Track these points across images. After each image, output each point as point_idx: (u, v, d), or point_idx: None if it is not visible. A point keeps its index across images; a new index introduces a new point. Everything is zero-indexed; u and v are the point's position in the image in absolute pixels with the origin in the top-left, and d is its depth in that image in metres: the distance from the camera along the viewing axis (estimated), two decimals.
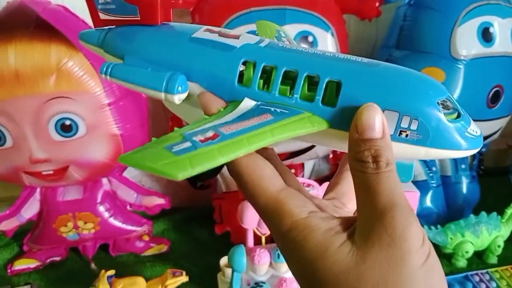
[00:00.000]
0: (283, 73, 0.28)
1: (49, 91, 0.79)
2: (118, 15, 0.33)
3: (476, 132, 0.28)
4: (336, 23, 0.89)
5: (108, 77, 0.33)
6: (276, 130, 0.26)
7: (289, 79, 0.29)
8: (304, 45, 0.39)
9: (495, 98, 0.93)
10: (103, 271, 0.87)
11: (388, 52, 0.98)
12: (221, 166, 0.26)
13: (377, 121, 0.26)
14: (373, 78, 0.27)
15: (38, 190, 0.96)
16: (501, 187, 1.22)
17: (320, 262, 0.25)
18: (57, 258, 1.01)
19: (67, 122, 0.82)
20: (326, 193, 0.34)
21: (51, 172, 0.87)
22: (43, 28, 0.78)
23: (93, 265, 1.00)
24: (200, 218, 1.12)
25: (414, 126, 0.26)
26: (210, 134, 0.25)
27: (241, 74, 0.30)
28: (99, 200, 0.95)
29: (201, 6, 0.89)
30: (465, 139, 0.27)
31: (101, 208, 0.96)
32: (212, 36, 0.31)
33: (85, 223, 0.95)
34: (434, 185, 1.06)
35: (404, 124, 0.26)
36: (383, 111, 0.26)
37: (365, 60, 0.29)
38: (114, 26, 0.35)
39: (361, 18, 0.94)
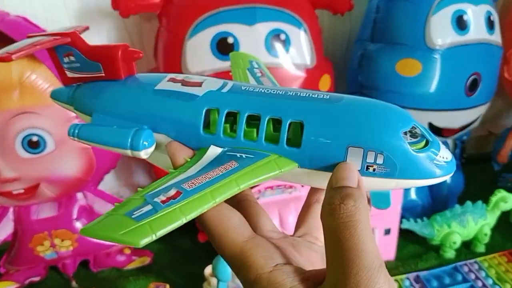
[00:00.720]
0: (247, 117, 0.28)
1: (13, 107, 0.76)
2: (83, 72, 0.34)
3: (446, 158, 0.28)
4: (308, 19, 0.87)
5: (76, 139, 0.33)
6: (241, 178, 0.26)
7: (256, 120, 0.29)
8: (267, 81, 0.38)
9: (473, 86, 0.92)
10: None
11: (362, 46, 0.96)
12: None
13: (352, 174, 0.26)
14: (335, 116, 0.27)
15: (11, 210, 0.92)
16: (484, 174, 1.22)
17: None
18: (36, 278, 0.97)
19: (34, 138, 0.78)
20: (296, 229, 0.33)
21: (22, 190, 0.83)
22: (1, 41, 0.74)
23: (74, 283, 0.96)
24: (182, 227, 1.08)
25: (380, 160, 0.26)
26: (172, 192, 0.25)
27: (208, 121, 0.30)
28: (75, 216, 0.92)
29: (168, 9, 0.86)
30: (436, 166, 0.27)
31: (78, 224, 0.92)
32: (174, 87, 0.31)
33: (62, 240, 0.92)
34: None
35: (370, 159, 0.26)
36: (347, 148, 0.26)
37: (328, 95, 0.29)
38: (82, 83, 0.35)
39: (334, 12, 0.92)
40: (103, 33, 1.00)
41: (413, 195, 1.05)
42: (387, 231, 0.94)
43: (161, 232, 0.23)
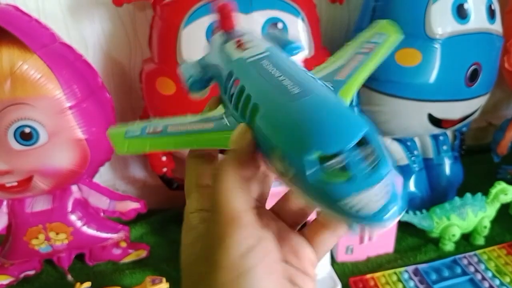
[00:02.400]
0: (239, 91, 0.30)
1: (4, 98, 0.74)
2: None
3: (368, 203, 0.22)
4: (306, 7, 0.85)
5: None
6: (200, 140, 0.30)
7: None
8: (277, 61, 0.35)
9: (474, 76, 0.91)
10: (78, 283, 0.83)
11: None
12: None
13: (238, 137, 0.27)
14: (281, 112, 0.26)
15: (5, 203, 0.91)
16: (483, 165, 1.21)
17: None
18: (31, 272, 0.96)
19: (27, 130, 0.77)
20: None
21: (15, 183, 0.82)
22: None
23: (69, 277, 0.95)
24: (178, 220, 1.06)
25: (290, 173, 0.24)
26: (158, 129, 0.32)
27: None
28: (69, 209, 0.91)
29: None
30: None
31: (73, 217, 0.91)
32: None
33: (57, 233, 0.91)
34: (417, 168, 1.04)
35: (283, 167, 0.24)
36: (273, 146, 0.25)
37: (300, 89, 0.26)
38: None
39: (332, 1, 0.90)
40: (95, 23, 0.98)
41: (412, 187, 1.04)
42: None
43: (131, 151, 0.32)
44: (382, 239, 0.94)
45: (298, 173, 0.23)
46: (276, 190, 0.33)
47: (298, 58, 0.84)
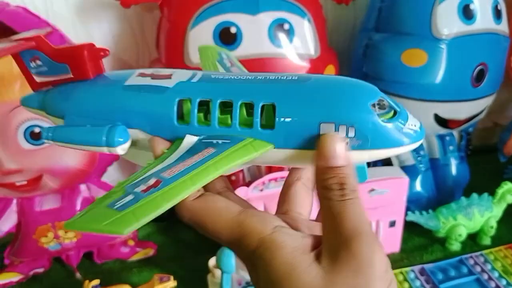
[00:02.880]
0: (219, 104, 0.29)
1: (14, 98, 0.75)
2: (52, 75, 0.33)
3: (415, 125, 0.29)
4: (312, 8, 0.85)
5: (51, 142, 0.33)
6: (219, 163, 0.26)
7: (229, 106, 0.29)
8: (237, 70, 0.38)
9: (480, 76, 0.91)
10: (87, 281, 0.84)
11: (367, 36, 0.95)
12: None
13: (339, 149, 0.27)
14: (304, 94, 0.28)
15: (15, 201, 0.92)
16: (490, 165, 1.21)
17: (287, 283, 0.25)
18: (40, 270, 0.97)
19: (36, 130, 0.78)
20: (279, 207, 0.34)
21: (25, 182, 0.83)
22: (1, 32, 0.74)
23: (78, 275, 0.96)
24: None
25: (352, 133, 0.27)
26: (152, 182, 0.26)
27: (181, 112, 0.30)
28: (78, 207, 0.92)
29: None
30: (405, 135, 0.28)
31: None
32: (144, 81, 0.31)
33: (66, 232, 0.92)
34: (423, 169, 1.04)
35: (342, 133, 0.27)
36: (319, 124, 0.27)
37: (296, 76, 0.29)
38: (51, 86, 0.34)
39: (338, 2, 0.91)
40: (104, 24, 0.99)
41: (418, 187, 1.04)
42: (392, 223, 0.93)
43: (145, 219, 0.24)
44: (388, 238, 0.94)
45: (364, 127, 0.27)
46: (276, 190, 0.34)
47: (304, 60, 0.84)
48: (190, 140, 0.29)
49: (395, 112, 0.28)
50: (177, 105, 0.29)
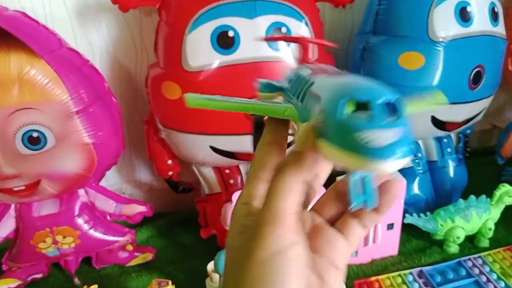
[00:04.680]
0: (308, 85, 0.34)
1: (12, 103, 0.75)
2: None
3: (386, 140, 0.25)
4: (309, 11, 0.86)
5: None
6: (257, 106, 0.34)
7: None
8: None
9: (477, 78, 0.91)
10: (85, 286, 0.83)
11: (364, 39, 0.95)
12: None
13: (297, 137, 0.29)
14: (326, 83, 0.31)
15: (13, 206, 0.92)
16: (488, 167, 1.21)
17: None
18: (39, 275, 0.97)
19: (34, 134, 0.78)
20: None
21: (23, 187, 0.83)
22: (0, 36, 0.74)
23: (76, 280, 0.96)
24: (184, 223, 1.09)
25: (320, 118, 0.28)
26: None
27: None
28: (76, 212, 0.91)
29: (168, 2, 0.86)
30: (360, 144, 0.25)
31: (80, 221, 0.92)
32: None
33: (64, 237, 0.91)
34: (421, 171, 1.05)
35: (315, 115, 0.29)
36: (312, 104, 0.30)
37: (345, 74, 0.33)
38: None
39: (335, 5, 0.91)
40: (102, 28, 1.00)
41: (416, 190, 1.04)
42: (390, 226, 0.93)
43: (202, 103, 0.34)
44: (386, 241, 0.94)
45: (327, 115, 0.27)
46: None
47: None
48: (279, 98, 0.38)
49: (371, 117, 0.26)
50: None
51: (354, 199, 0.29)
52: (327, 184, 0.35)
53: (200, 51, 0.81)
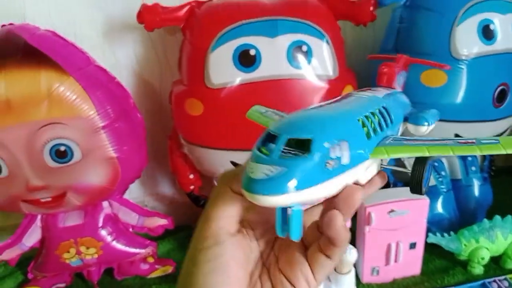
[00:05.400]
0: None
1: (41, 118, 0.78)
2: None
3: (251, 171, 0.27)
4: (330, 30, 0.86)
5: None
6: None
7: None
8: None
9: (501, 97, 0.90)
10: None
11: None
12: None
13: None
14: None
15: (39, 217, 0.95)
16: None
17: None
18: (62, 285, 1.00)
19: (62, 148, 0.80)
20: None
21: (49, 199, 0.85)
22: (31, 54, 0.77)
23: None
24: None
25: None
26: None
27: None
28: (100, 224, 0.94)
29: (191, 22, 0.88)
30: (250, 178, 0.28)
31: (103, 232, 0.94)
32: None
33: (88, 248, 0.94)
34: (445, 190, 1.03)
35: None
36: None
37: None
38: None
39: (356, 23, 0.92)
40: (129, 46, 1.03)
41: (439, 209, 1.03)
42: (413, 245, 0.92)
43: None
44: (409, 260, 0.93)
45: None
46: None
47: (323, 81, 0.85)
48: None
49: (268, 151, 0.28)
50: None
51: (277, 230, 0.30)
52: None
53: (222, 69, 0.83)
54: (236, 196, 0.31)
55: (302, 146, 0.27)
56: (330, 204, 0.30)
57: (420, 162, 0.33)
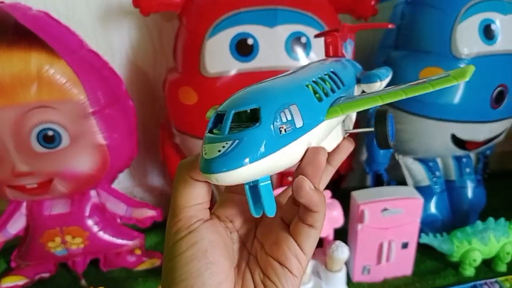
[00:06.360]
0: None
1: (29, 100, 0.75)
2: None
3: (205, 153, 0.26)
4: (330, 23, 0.85)
5: None
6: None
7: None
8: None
9: (499, 98, 0.89)
10: None
11: (386, 53, 0.94)
12: None
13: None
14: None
15: (24, 204, 0.92)
16: (507, 190, 1.18)
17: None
18: (46, 275, 0.97)
19: (50, 133, 0.78)
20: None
21: (35, 185, 0.83)
22: (22, 34, 0.75)
23: (83, 282, 0.96)
24: None
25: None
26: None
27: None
28: (87, 213, 0.91)
29: (188, 8, 0.86)
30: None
31: (90, 222, 0.91)
32: None
33: (74, 237, 0.91)
34: (438, 190, 1.02)
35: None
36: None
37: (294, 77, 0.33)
38: None
39: (357, 17, 0.90)
40: (124, 31, 1.00)
41: (432, 209, 1.02)
42: (405, 245, 0.91)
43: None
44: (400, 260, 0.92)
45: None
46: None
47: None
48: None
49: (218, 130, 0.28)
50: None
51: (251, 210, 0.29)
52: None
53: (218, 58, 0.81)
54: (198, 183, 0.30)
55: (253, 119, 0.26)
56: (297, 171, 0.29)
57: (380, 116, 0.33)
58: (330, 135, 0.33)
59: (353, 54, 0.51)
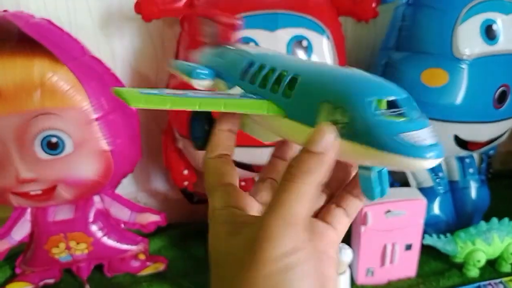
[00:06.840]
0: (267, 72, 0.34)
1: (33, 108, 0.76)
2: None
3: (424, 140, 0.26)
4: (331, 25, 0.85)
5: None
6: (229, 103, 0.31)
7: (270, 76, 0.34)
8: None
9: (502, 98, 0.89)
10: None
11: (387, 54, 0.94)
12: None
13: (325, 137, 0.27)
14: (323, 76, 0.30)
15: (29, 210, 0.92)
16: (511, 190, 1.18)
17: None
18: (51, 281, 0.97)
19: (53, 140, 0.78)
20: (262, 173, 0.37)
21: (39, 192, 0.83)
22: (25, 42, 0.75)
23: (87, 287, 0.96)
24: (198, 234, 1.08)
25: (344, 119, 0.27)
26: (180, 92, 0.31)
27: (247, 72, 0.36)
28: (91, 219, 0.92)
29: (190, 14, 0.86)
30: (401, 143, 0.26)
31: (94, 228, 0.92)
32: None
33: (78, 243, 0.92)
34: (442, 191, 1.02)
35: (336, 116, 0.27)
36: (319, 103, 0.28)
37: (332, 65, 0.34)
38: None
39: (358, 20, 0.90)
40: (125, 37, 1.01)
41: (436, 210, 1.02)
42: (408, 247, 0.91)
43: (148, 104, 0.29)
44: (404, 262, 0.92)
45: (356, 115, 0.26)
46: None
47: None
48: (236, 90, 0.36)
49: (403, 116, 0.27)
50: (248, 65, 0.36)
51: (375, 194, 0.30)
52: None
53: None
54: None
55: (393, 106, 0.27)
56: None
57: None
58: None
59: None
